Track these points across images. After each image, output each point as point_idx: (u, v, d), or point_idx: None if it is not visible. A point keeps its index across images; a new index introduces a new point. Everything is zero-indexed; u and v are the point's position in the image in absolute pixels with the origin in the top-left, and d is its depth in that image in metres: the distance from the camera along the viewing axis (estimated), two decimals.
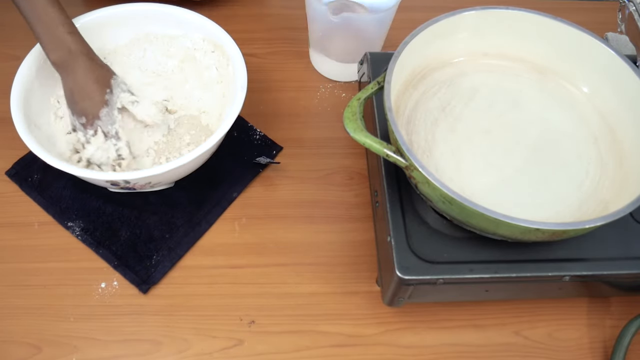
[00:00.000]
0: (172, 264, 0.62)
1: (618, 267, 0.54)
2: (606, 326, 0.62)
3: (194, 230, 0.64)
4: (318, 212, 0.68)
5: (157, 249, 0.63)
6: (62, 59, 0.60)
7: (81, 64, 0.60)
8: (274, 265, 0.64)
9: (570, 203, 0.54)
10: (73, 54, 0.60)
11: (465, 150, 0.57)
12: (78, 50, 0.60)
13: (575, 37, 0.59)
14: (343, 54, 0.75)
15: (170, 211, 0.65)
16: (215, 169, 0.68)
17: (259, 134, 0.72)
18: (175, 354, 0.58)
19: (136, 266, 0.62)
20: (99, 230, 0.64)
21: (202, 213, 0.66)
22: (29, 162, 0.67)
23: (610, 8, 0.89)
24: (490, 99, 0.61)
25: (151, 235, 0.64)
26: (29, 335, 0.58)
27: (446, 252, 0.54)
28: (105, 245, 0.63)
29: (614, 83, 0.58)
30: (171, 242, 0.63)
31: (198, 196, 0.67)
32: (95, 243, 0.63)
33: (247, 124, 0.73)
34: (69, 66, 0.60)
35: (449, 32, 0.59)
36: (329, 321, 0.61)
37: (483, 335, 0.61)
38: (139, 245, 0.63)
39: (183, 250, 0.63)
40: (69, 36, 0.60)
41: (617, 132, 0.58)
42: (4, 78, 0.64)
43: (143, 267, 0.62)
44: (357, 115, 0.53)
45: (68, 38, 0.60)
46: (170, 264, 0.62)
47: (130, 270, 0.61)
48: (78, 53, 0.60)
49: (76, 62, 0.60)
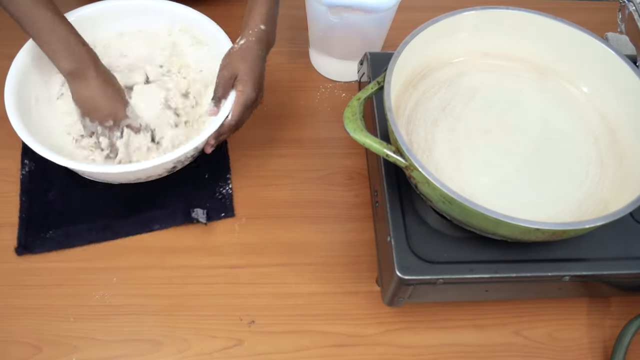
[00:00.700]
0: (57, 248, 0.63)
1: (618, 267, 0.54)
2: (606, 326, 0.62)
3: (99, 232, 0.64)
4: (318, 212, 0.67)
5: (57, 226, 0.63)
6: (77, 70, 0.60)
7: (96, 72, 0.61)
8: (274, 265, 0.64)
9: (570, 203, 0.54)
10: (86, 65, 0.61)
11: (465, 150, 0.57)
12: (91, 59, 0.61)
13: (575, 37, 0.59)
14: (343, 54, 0.75)
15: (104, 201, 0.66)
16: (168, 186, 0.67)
17: (227, 190, 0.68)
18: (175, 354, 0.58)
19: (29, 229, 0.63)
20: None
21: (121, 221, 0.65)
22: None
23: (610, 8, 0.89)
24: (490, 99, 0.61)
25: (61, 212, 0.64)
26: (29, 335, 0.58)
27: (446, 252, 0.54)
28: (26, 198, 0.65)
29: (614, 83, 0.58)
30: (73, 229, 0.64)
31: (135, 201, 0.66)
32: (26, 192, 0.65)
33: (226, 173, 0.69)
34: (84, 76, 0.61)
35: (449, 32, 0.59)
36: (329, 321, 0.61)
37: (483, 335, 0.61)
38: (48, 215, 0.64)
39: (76, 241, 0.63)
40: (82, 47, 0.60)
41: (617, 132, 0.58)
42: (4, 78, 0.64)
43: (33, 233, 0.63)
44: (357, 115, 0.53)
45: (81, 49, 0.60)
46: (56, 247, 0.63)
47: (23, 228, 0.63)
48: (91, 63, 0.61)
49: (90, 71, 0.61)
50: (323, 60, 0.78)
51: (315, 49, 0.77)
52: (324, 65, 0.79)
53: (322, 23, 0.72)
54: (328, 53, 0.76)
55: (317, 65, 0.80)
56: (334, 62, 0.77)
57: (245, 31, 0.62)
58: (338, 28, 0.72)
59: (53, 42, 0.59)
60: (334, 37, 0.74)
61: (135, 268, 0.63)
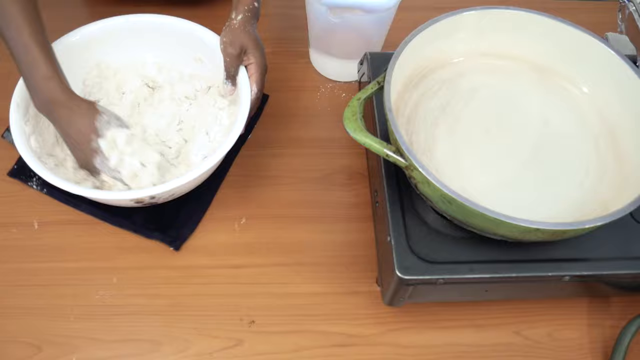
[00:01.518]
0: None
1: (618, 267, 0.54)
2: (606, 326, 0.62)
3: None
4: (318, 212, 0.67)
5: None
6: (43, 107, 0.58)
7: (60, 114, 0.57)
8: (274, 265, 0.64)
9: (570, 203, 0.54)
10: (52, 103, 0.57)
11: (465, 150, 0.57)
12: (55, 99, 0.57)
13: (575, 37, 0.59)
14: (343, 54, 0.75)
15: None
16: None
17: None
18: (175, 354, 0.58)
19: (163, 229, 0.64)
20: None
21: None
22: None
23: (610, 8, 0.89)
24: (490, 99, 0.61)
25: None
26: (29, 335, 0.58)
27: (446, 252, 0.54)
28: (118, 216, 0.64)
29: (614, 83, 0.58)
30: None
31: None
32: (109, 215, 0.64)
33: None
34: (50, 114, 0.58)
35: (449, 32, 0.59)
36: (329, 321, 0.61)
37: (483, 335, 0.61)
38: None
39: None
40: (46, 82, 0.56)
41: (617, 132, 0.58)
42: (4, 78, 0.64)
43: None
44: (357, 115, 0.53)
45: (45, 86, 0.56)
46: None
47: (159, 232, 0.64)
48: (56, 103, 0.57)
49: (56, 111, 0.57)
50: (323, 60, 0.78)
51: (315, 49, 0.77)
52: (324, 65, 0.79)
53: (322, 23, 0.72)
54: (328, 53, 0.76)
55: (317, 65, 0.80)
56: (334, 62, 0.77)
57: (240, 7, 0.63)
58: (338, 28, 0.72)
59: (25, 75, 0.57)
60: (334, 37, 0.74)
61: (135, 268, 0.63)
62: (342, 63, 0.77)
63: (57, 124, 0.58)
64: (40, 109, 0.58)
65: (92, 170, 0.60)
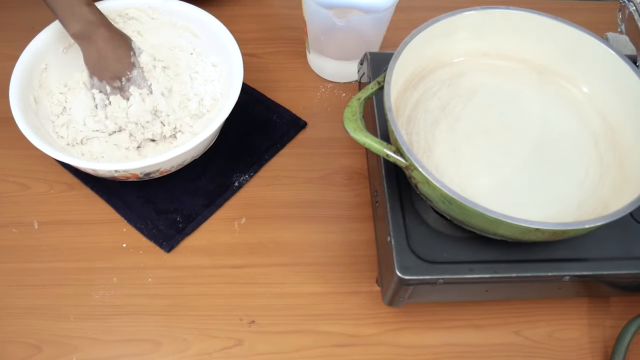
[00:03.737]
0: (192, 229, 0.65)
1: (618, 267, 0.54)
2: (606, 326, 0.62)
3: None
4: (318, 212, 0.67)
5: None
6: (82, 31, 0.62)
7: (102, 33, 0.62)
8: (274, 265, 0.64)
9: (570, 203, 0.54)
10: (92, 25, 0.62)
11: (465, 150, 0.57)
12: (97, 20, 0.62)
13: (575, 37, 0.59)
14: (341, 54, 0.75)
15: None
16: None
17: None
18: (175, 354, 0.58)
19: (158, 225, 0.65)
20: None
21: None
22: None
23: (610, 8, 0.89)
24: (490, 99, 0.61)
25: None
26: (29, 335, 0.58)
27: (446, 252, 0.54)
28: None
29: (614, 83, 0.58)
30: None
31: None
32: None
33: None
34: (90, 37, 0.62)
35: (449, 32, 0.59)
36: (329, 321, 0.61)
37: (483, 335, 0.61)
38: None
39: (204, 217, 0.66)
40: (87, 8, 0.61)
41: (617, 132, 0.58)
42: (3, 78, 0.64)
43: None
44: (357, 115, 0.53)
45: (86, 10, 0.61)
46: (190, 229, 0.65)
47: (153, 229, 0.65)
48: (97, 24, 0.62)
49: (96, 32, 0.62)
50: (321, 61, 0.78)
51: (313, 49, 0.77)
52: (322, 66, 0.79)
53: (320, 24, 0.72)
54: (326, 54, 0.76)
55: (315, 66, 0.80)
56: (332, 63, 0.77)
57: None
58: (336, 29, 0.72)
59: (58, 6, 0.61)
60: (332, 38, 0.74)
61: (135, 268, 0.63)
62: (338, 64, 0.76)
63: (96, 44, 0.62)
64: (79, 33, 0.62)
65: (123, 84, 0.64)
